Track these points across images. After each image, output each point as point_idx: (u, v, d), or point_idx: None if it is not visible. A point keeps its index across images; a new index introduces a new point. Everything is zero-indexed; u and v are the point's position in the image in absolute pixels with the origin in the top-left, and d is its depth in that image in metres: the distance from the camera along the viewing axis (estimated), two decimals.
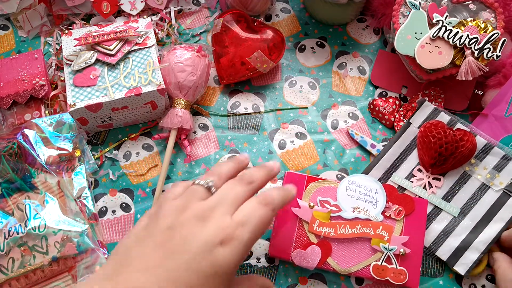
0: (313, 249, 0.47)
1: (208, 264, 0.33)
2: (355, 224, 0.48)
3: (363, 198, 0.49)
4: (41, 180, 0.49)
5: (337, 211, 0.49)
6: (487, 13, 0.54)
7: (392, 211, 0.49)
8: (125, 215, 0.52)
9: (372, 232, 0.48)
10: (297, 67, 0.61)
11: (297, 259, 0.47)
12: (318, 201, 0.49)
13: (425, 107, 0.54)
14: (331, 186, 0.50)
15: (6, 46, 0.62)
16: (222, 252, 0.34)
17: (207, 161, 0.55)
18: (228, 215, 0.36)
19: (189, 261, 0.33)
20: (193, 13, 0.64)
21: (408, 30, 0.54)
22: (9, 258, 0.45)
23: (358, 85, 0.60)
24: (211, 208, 0.36)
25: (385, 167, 0.53)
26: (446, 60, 0.52)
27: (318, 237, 0.48)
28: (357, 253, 0.47)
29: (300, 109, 0.59)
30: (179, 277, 0.32)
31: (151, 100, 0.53)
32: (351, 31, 0.64)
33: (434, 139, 0.51)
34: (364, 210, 0.49)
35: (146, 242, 0.35)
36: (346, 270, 0.47)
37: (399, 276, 0.46)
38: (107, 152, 0.55)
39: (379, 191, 0.50)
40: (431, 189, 0.51)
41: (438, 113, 0.53)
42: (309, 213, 0.49)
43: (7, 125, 0.54)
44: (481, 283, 0.50)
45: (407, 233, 0.48)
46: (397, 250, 0.47)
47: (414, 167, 0.53)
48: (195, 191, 0.38)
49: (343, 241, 0.48)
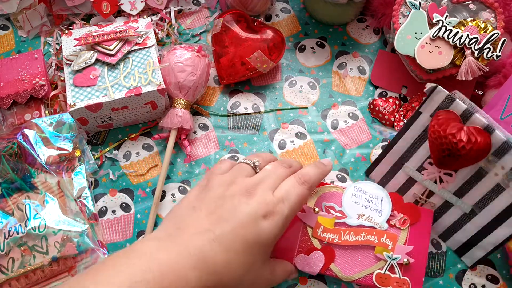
0: (317, 255, 0.47)
1: (253, 233, 0.38)
2: (360, 231, 0.48)
3: (368, 206, 0.49)
4: (41, 180, 0.49)
5: (342, 217, 0.48)
6: (487, 13, 0.54)
7: (397, 220, 0.48)
8: (125, 215, 0.52)
9: (376, 240, 0.47)
10: (297, 67, 0.61)
11: (300, 264, 0.47)
12: (323, 206, 0.49)
13: (436, 94, 0.46)
14: (337, 192, 0.50)
15: (6, 46, 0.62)
16: (265, 224, 0.38)
17: (207, 161, 0.55)
18: (270, 191, 0.40)
19: (236, 229, 0.37)
20: (193, 13, 0.64)
21: (408, 30, 0.54)
22: (9, 258, 0.45)
23: (358, 85, 0.60)
24: (256, 184, 0.41)
25: (396, 157, 0.52)
26: (446, 60, 0.52)
27: (322, 242, 0.48)
28: (361, 261, 0.47)
29: (300, 109, 0.59)
30: (226, 241, 0.37)
31: (151, 100, 0.53)
32: (351, 31, 0.64)
33: (436, 143, 0.46)
34: (369, 218, 0.48)
35: (199, 208, 0.39)
36: (348, 277, 0.46)
37: (402, 285, 0.46)
38: (107, 152, 0.55)
39: (385, 199, 0.49)
40: (442, 184, 0.49)
41: (451, 102, 0.45)
42: (313, 218, 0.48)
43: (7, 125, 0.54)
44: (481, 283, 0.50)
45: (411, 242, 0.47)
46: (401, 260, 0.46)
47: (425, 160, 0.50)
48: (242, 169, 0.43)
49: (347, 248, 0.47)
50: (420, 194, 0.51)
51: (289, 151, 0.56)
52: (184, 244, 0.37)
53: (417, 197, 0.51)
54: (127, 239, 0.51)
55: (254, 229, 0.38)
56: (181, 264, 0.35)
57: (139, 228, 0.51)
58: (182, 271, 0.35)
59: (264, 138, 0.57)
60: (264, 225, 0.38)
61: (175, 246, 0.36)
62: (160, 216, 0.52)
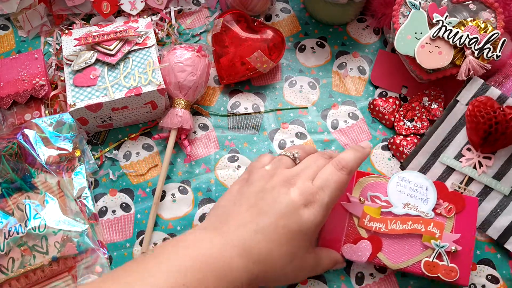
0: (364, 244, 0.47)
1: (294, 222, 0.39)
2: (406, 220, 0.48)
3: (413, 195, 0.49)
4: (41, 180, 0.49)
5: (388, 206, 0.49)
6: (487, 13, 0.54)
7: (443, 208, 0.48)
8: (125, 215, 0.52)
9: (423, 228, 0.47)
10: (297, 67, 0.61)
11: (348, 253, 0.47)
12: (369, 196, 0.49)
13: (473, 82, 0.52)
14: (381, 182, 0.50)
15: (6, 46, 0.62)
16: (306, 212, 0.39)
17: (207, 161, 0.55)
18: (310, 180, 0.41)
19: (278, 219, 0.39)
20: (193, 13, 0.64)
21: (408, 30, 0.54)
22: (9, 258, 0.45)
23: (358, 85, 0.60)
24: (295, 175, 0.42)
25: (433, 147, 0.52)
26: (446, 60, 0.52)
27: (369, 232, 0.48)
28: (408, 249, 0.47)
29: (300, 109, 0.59)
30: (269, 232, 0.38)
31: (151, 100, 0.53)
32: (351, 31, 0.64)
33: (483, 119, 0.49)
34: (415, 207, 0.48)
35: (240, 203, 0.41)
36: (396, 265, 0.47)
37: (450, 273, 0.46)
38: (107, 152, 0.55)
39: (430, 188, 0.49)
40: (482, 168, 0.51)
41: (487, 89, 0.51)
42: (359, 208, 0.49)
43: (7, 125, 0.54)
44: (481, 283, 0.50)
45: (458, 231, 0.48)
46: (449, 248, 0.47)
47: (463, 147, 0.52)
48: (283, 161, 0.44)
49: (394, 237, 0.48)
50: (459, 182, 0.52)
51: None
52: (228, 236, 0.38)
53: (455, 186, 0.52)
54: (127, 239, 0.51)
55: (295, 219, 0.39)
56: (226, 253, 0.37)
57: (139, 228, 0.51)
58: (227, 259, 0.36)
59: (264, 138, 0.57)
60: (305, 214, 0.39)
61: (219, 237, 0.38)
62: (160, 216, 0.52)
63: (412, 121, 0.56)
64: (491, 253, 0.51)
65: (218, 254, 0.36)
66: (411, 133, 0.55)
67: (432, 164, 0.53)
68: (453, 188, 0.52)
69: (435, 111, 0.56)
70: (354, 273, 0.50)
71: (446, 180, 0.52)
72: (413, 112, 0.56)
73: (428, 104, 0.56)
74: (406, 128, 0.56)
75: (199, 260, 0.36)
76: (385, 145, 0.56)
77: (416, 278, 0.50)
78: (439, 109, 0.56)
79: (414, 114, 0.56)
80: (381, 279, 0.49)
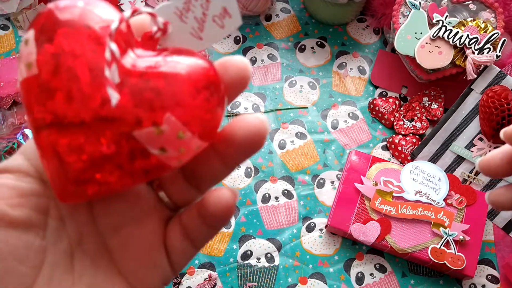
0: (373, 225, 0.48)
1: None
2: (417, 206, 0.48)
3: (426, 184, 0.50)
4: None
5: (400, 192, 0.49)
6: (487, 13, 0.54)
7: (454, 200, 0.49)
8: None
9: (433, 216, 0.48)
10: (297, 67, 0.61)
11: (356, 232, 0.48)
12: (382, 180, 0.50)
13: (489, 70, 0.51)
14: (395, 169, 0.51)
15: (6, 46, 0.62)
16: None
17: None
18: None
19: None
20: None
21: (408, 30, 0.54)
22: None
23: (358, 85, 0.60)
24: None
25: (444, 136, 0.53)
26: (446, 60, 0.52)
27: (379, 214, 0.49)
28: (416, 234, 0.48)
29: (300, 109, 0.59)
30: None
31: None
32: (351, 31, 0.64)
33: (496, 111, 0.49)
34: (427, 195, 0.49)
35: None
36: (403, 249, 0.47)
37: (457, 261, 0.46)
38: None
39: (443, 179, 0.50)
40: None
41: (503, 77, 0.51)
42: (372, 190, 0.49)
43: (7, 125, 0.54)
44: (481, 283, 0.50)
45: (467, 222, 0.48)
46: (457, 236, 0.47)
47: (475, 136, 0.52)
48: None
49: (403, 221, 0.48)
50: (469, 172, 0.52)
51: (289, 151, 0.56)
52: None
53: (465, 175, 0.52)
54: None
55: None
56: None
57: None
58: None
59: None
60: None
61: None
62: None
63: (411, 121, 0.56)
64: (491, 253, 0.51)
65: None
66: (410, 132, 0.56)
67: (442, 152, 0.53)
68: (463, 177, 0.52)
69: (435, 111, 0.56)
70: (354, 273, 0.50)
71: (455, 169, 0.53)
72: (413, 112, 0.56)
73: (428, 104, 0.56)
74: (406, 128, 0.56)
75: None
76: (385, 145, 0.57)
77: (416, 278, 0.50)
78: (439, 109, 0.56)
79: (414, 114, 0.56)
80: (381, 279, 0.49)
